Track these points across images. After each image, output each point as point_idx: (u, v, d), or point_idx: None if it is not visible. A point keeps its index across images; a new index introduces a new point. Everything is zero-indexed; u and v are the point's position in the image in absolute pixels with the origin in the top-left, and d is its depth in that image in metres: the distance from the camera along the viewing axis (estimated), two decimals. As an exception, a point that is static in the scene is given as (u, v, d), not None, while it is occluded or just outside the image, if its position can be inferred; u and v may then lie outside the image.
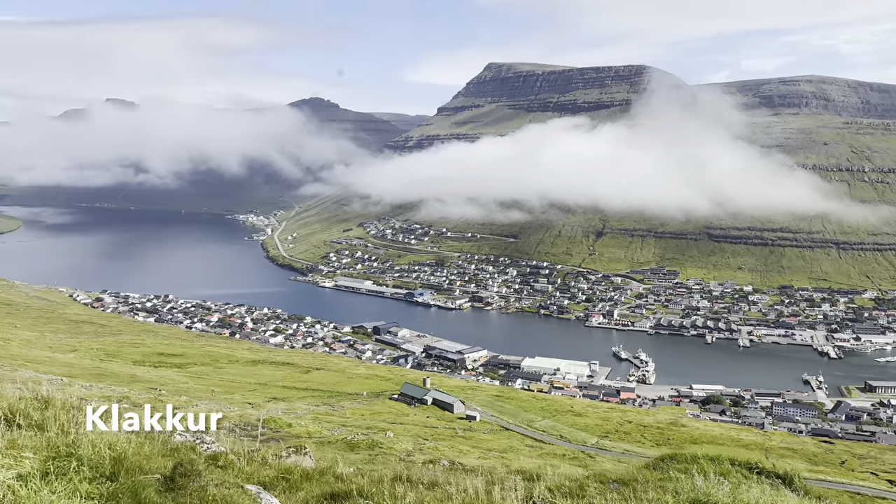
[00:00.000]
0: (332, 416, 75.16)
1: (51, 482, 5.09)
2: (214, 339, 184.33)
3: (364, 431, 62.75)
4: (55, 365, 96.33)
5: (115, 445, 5.81)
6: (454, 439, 70.34)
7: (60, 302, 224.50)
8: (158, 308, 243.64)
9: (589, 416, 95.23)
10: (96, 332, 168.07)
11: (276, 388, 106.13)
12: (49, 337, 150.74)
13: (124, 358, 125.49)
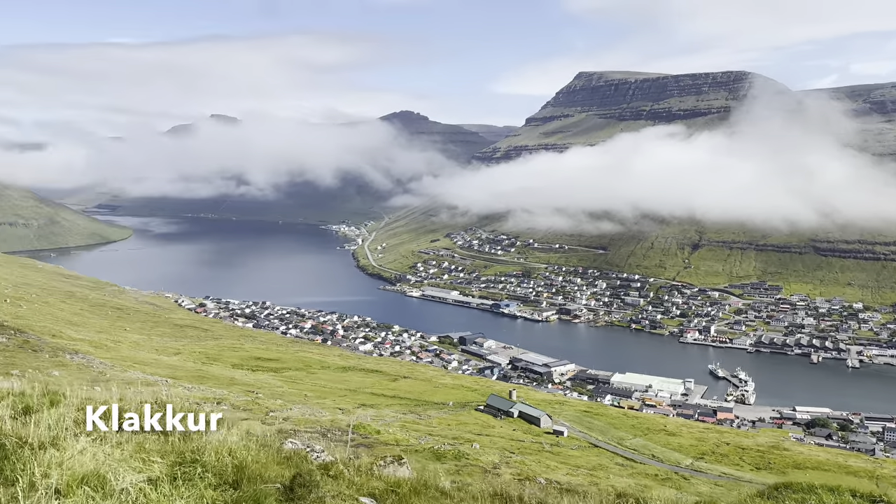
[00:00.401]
0: (418, 425, 75.64)
1: (178, 487, 5.23)
2: (307, 345, 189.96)
3: (450, 441, 62.77)
4: (160, 367, 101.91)
5: (234, 452, 5.92)
6: (541, 454, 69.17)
7: (166, 307, 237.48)
8: (256, 314, 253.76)
9: (683, 436, 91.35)
10: (199, 336, 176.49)
11: (365, 395, 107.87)
12: (156, 340, 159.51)
13: (224, 361, 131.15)
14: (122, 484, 4.93)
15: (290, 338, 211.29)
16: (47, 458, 4.79)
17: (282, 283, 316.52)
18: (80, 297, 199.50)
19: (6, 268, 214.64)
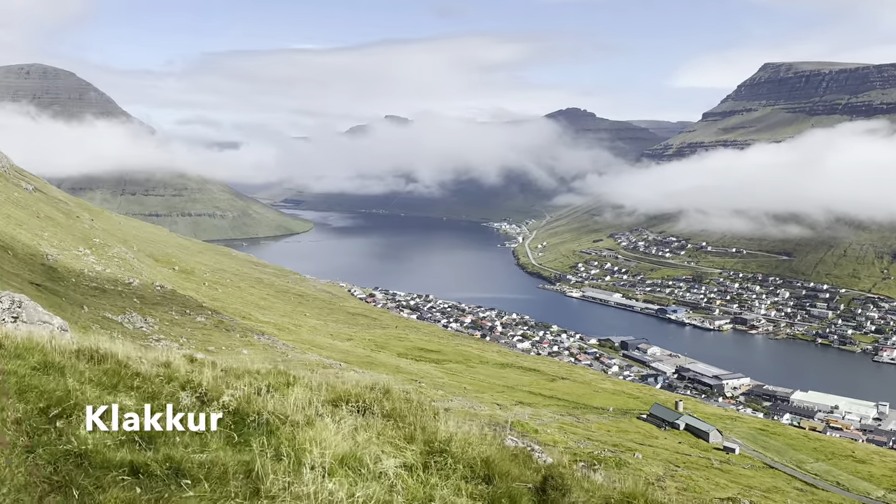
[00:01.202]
0: (576, 428, 73.99)
1: (432, 475, 5.10)
2: (467, 340, 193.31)
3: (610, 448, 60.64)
4: (334, 351, 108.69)
5: (473, 446, 5.63)
6: (709, 470, 64.83)
7: (340, 296, 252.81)
8: (420, 306, 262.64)
9: (874, 465, 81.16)
10: (368, 324, 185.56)
11: (523, 393, 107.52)
12: (331, 326, 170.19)
13: (390, 350, 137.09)
14: (379, 467, 4.74)
15: (451, 331, 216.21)
16: (308, 436, 4.68)
17: (444, 277, 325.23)
18: (267, 283, 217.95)
19: (206, 255, 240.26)
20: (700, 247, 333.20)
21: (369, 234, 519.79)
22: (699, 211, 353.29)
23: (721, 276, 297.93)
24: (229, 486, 3.62)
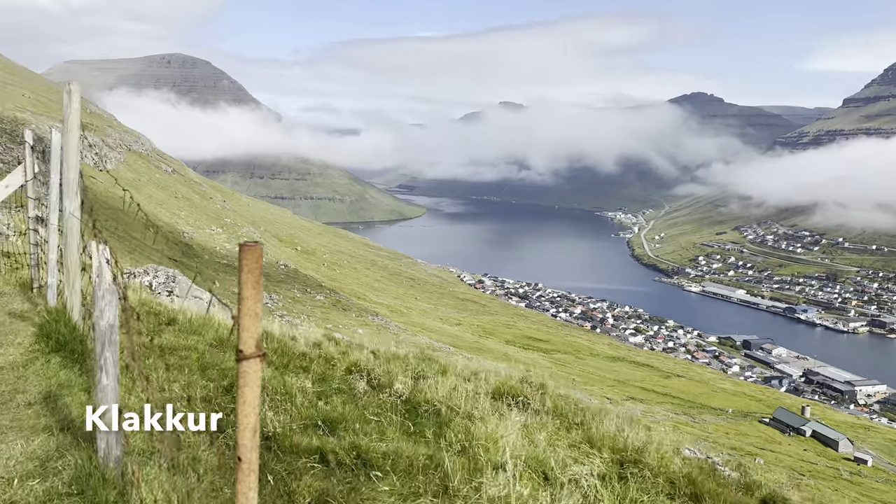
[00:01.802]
0: (691, 428, 71.02)
1: (629, 489, 4.47)
2: (576, 331, 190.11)
3: (728, 451, 57.67)
4: (444, 335, 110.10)
5: (666, 456, 5.07)
6: (837, 481, 60.39)
7: (450, 281, 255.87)
8: (529, 294, 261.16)
9: None
10: (477, 310, 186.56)
11: (635, 388, 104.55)
12: (440, 310, 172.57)
13: (498, 336, 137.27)
14: (568, 473, 4.34)
15: (560, 321, 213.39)
16: (483, 431, 4.30)
17: (554, 266, 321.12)
18: (381, 265, 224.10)
19: (325, 236, 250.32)
20: (836, 242, 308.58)
21: (480, 220, 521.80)
22: (837, 204, 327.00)
23: (858, 275, 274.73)
24: (417, 481, 3.50)
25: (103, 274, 2.79)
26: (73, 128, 3.99)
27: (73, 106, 3.95)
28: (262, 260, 1.99)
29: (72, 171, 4.00)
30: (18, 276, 7.32)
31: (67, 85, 3.86)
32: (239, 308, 1.94)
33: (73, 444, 3.20)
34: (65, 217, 4.07)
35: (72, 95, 3.91)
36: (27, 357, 4.05)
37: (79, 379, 3.89)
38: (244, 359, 2.01)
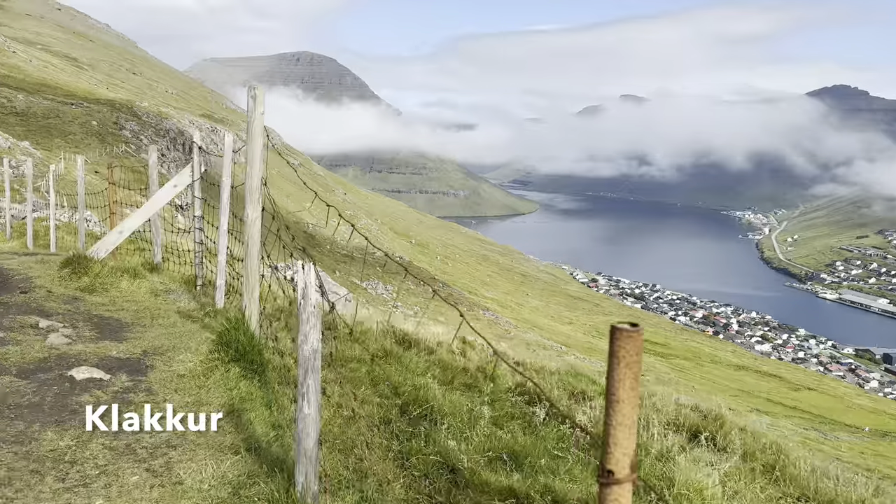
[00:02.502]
0: (822, 446, 65.80)
1: None
2: (697, 336, 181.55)
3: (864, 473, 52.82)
4: (554, 333, 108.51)
5: None
6: None
7: (562, 278, 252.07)
8: (646, 296, 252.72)
9: None
10: (590, 309, 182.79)
11: (760, 400, 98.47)
12: (552, 307, 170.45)
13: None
14: None
15: (679, 325, 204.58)
16: (683, 478, 3.65)
17: (673, 267, 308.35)
18: (492, 261, 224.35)
19: (438, 230, 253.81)
20: None
21: (595, 217, 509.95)
22: None
23: None
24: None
25: (308, 295, 2.67)
26: (257, 134, 3.88)
27: (258, 111, 3.83)
28: (642, 350, 1.14)
29: (254, 177, 3.88)
30: (182, 274, 7.57)
31: (252, 90, 3.74)
32: (608, 413, 1.41)
33: (264, 470, 3.06)
34: (246, 224, 3.97)
35: (256, 101, 3.78)
36: (206, 366, 4.00)
37: (259, 392, 3.79)
38: (613, 483, 1.46)
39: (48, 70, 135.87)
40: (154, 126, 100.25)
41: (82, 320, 5.10)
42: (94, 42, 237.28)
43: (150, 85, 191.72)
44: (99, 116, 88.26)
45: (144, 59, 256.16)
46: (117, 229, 6.51)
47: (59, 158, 61.12)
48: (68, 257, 6.42)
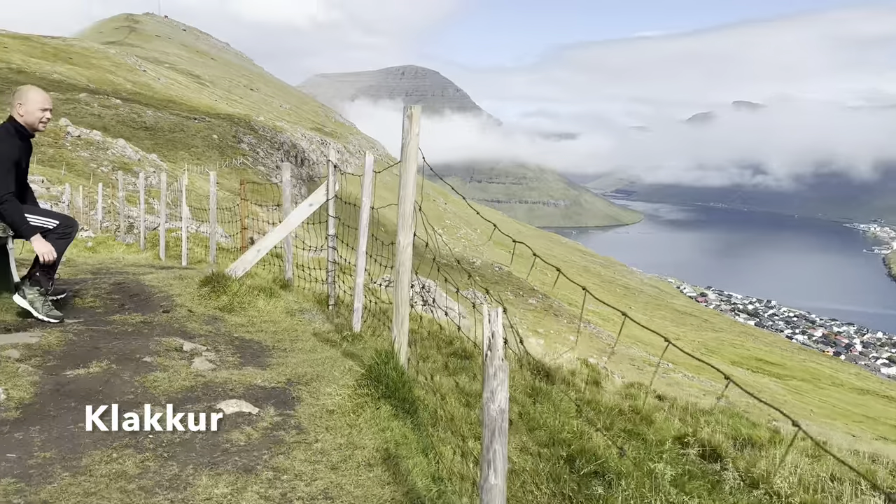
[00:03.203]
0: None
1: None
2: (816, 356, 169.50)
3: None
4: (659, 349, 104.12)
5: None
6: None
7: (668, 292, 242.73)
8: (759, 312, 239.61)
9: None
10: (699, 325, 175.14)
11: (887, 427, 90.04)
12: (657, 322, 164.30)
13: (722, 356, 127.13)
14: None
15: (796, 343, 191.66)
16: None
17: (790, 282, 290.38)
18: (594, 272, 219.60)
19: (537, 240, 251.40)
20: None
21: (704, 228, 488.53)
22: None
23: None
24: None
25: (496, 346, 2.35)
26: (411, 156, 3.57)
27: (414, 131, 3.52)
28: None
29: (407, 202, 3.57)
30: (313, 291, 7.49)
31: (408, 109, 3.43)
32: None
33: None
34: (397, 251, 3.68)
35: (412, 120, 3.47)
36: (355, 401, 3.74)
37: (412, 435, 3.47)
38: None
39: (174, 87, 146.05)
40: (269, 139, 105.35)
41: (224, 343, 5.01)
42: (215, 60, 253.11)
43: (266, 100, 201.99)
44: (219, 130, 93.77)
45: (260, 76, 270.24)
46: (255, 248, 6.49)
47: (184, 170, 65.18)
48: (207, 276, 6.45)
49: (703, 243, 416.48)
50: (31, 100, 5.28)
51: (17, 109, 5.23)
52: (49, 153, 52.70)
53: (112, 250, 13.93)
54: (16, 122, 5.23)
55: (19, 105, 5.24)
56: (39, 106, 5.32)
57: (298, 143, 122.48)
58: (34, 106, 5.29)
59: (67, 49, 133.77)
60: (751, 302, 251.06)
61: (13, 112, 5.23)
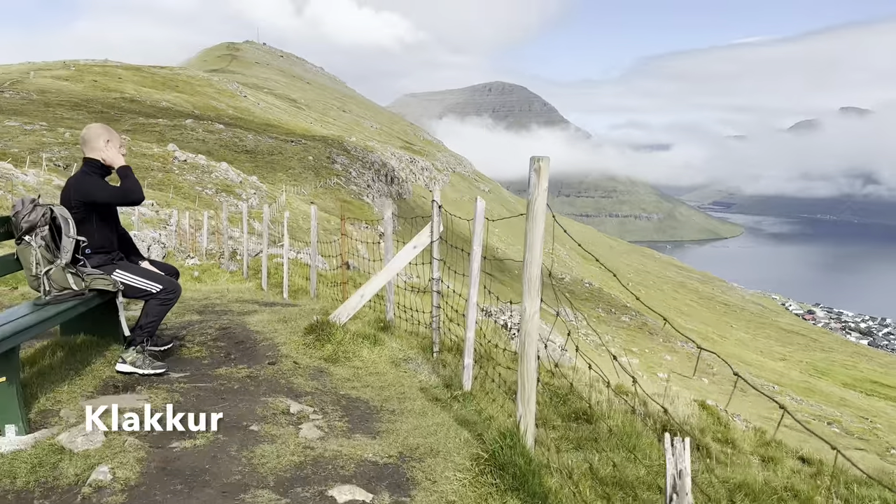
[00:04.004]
0: None
1: None
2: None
3: None
4: (764, 370, 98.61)
5: None
6: None
7: (772, 309, 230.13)
8: (873, 331, 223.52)
9: None
10: (807, 344, 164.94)
11: None
12: (760, 341, 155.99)
13: (833, 377, 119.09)
14: None
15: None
16: None
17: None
18: (690, 288, 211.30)
19: (630, 256, 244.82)
20: None
21: (811, 241, 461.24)
22: None
23: None
24: None
25: (683, 489, 1.85)
26: (538, 215, 3.15)
27: (542, 186, 3.19)
28: None
29: (534, 266, 3.14)
30: (417, 334, 7.20)
31: (536, 161, 3.16)
32: None
33: None
34: (523, 319, 3.24)
35: (540, 174, 3.18)
36: (478, 491, 3.33)
37: (550, 543, 3.04)
38: None
39: (272, 111, 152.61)
40: (361, 159, 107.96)
41: (331, 402, 4.75)
42: (310, 84, 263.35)
43: (357, 121, 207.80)
44: (314, 152, 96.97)
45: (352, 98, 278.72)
46: (359, 293, 6.26)
47: (282, 191, 67.57)
48: (312, 324, 6.27)
49: (810, 257, 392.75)
50: (117, 138, 5.26)
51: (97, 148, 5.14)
52: (158, 177, 55.95)
53: (217, 279, 14.26)
54: (93, 162, 5.16)
55: (108, 142, 5.18)
56: (119, 144, 5.29)
57: (388, 161, 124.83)
58: (117, 143, 5.25)
59: (175, 78, 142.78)
60: (863, 320, 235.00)
61: (92, 154, 5.15)
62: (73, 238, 4.76)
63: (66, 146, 59.44)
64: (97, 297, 4.96)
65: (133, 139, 71.09)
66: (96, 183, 5.02)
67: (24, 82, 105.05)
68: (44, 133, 63.94)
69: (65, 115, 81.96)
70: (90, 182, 5.02)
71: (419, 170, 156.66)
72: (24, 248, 4.70)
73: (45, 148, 57.84)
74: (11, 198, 23.85)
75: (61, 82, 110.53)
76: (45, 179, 34.35)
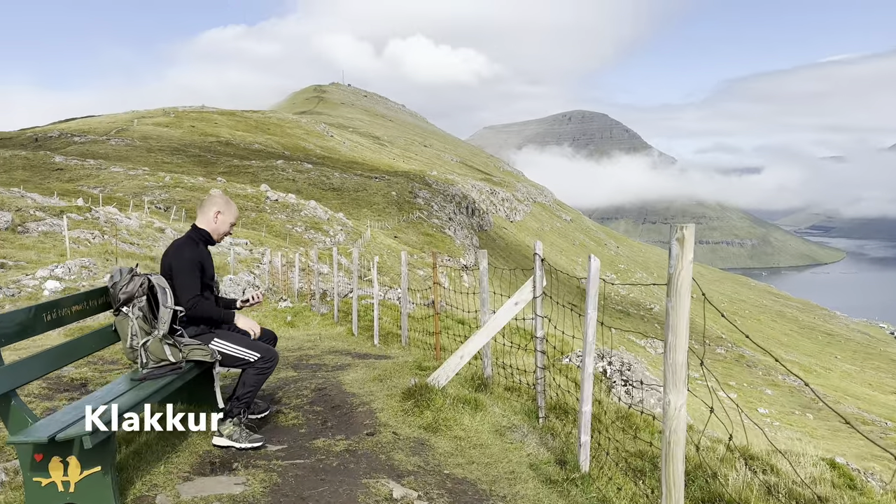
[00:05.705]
0: None
1: None
2: None
3: None
4: (874, 404, 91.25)
5: None
6: None
7: (881, 338, 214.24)
8: None
9: None
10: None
11: None
12: (868, 373, 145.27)
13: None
14: None
15: None
16: None
17: None
18: (790, 317, 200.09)
19: (723, 283, 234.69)
20: None
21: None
22: None
23: None
24: None
25: None
26: (683, 290, 3.03)
27: (686, 257, 3.08)
28: None
29: (679, 351, 3.04)
30: (519, 394, 6.74)
31: (680, 230, 3.07)
32: None
33: None
34: (665, 415, 3.05)
35: (684, 245, 3.10)
36: None
37: None
38: None
39: (357, 149, 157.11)
40: (442, 192, 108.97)
41: (435, 485, 4.34)
42: (392, 121, 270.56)
43: (438, 155, 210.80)
44: (397, 187, 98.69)
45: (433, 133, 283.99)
46: (458, 353, 5.89)
47: (367, 226, 68.87)
48: (410, 388, 5.92)
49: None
50: (231, 212, 5.16)
51: (212, 216, 5.08)
52: (252, 217, 58.20)
53: (308, 323, 14.30)
54: (200, 230, 5.08)
55: (219, 214, 5.11)
56: (232, 220, 5.20)
57: (469, 193, 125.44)
58: (230, 218, 5.17)
59: (265, 121, 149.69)
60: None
61: (204, 220, 5.08)
62: (171, 308, 4.64)
63: (167, 189, 62.97)
64: (194, 367, 4.81)
65: (228, 181, 74.51)
66: (187, 263, 4.82)
67: (129, 130, 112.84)
68: (146, 177, 68.09)
69: (165, 159, 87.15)
70: (183, 258, 4.84)
71: (499, 201, 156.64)
72: (121, 320, 4.61)
73: (146, 192, 61.50)
74: (115, 241, 25.13)
75: (162, 128, 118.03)
76: (146, 223, 36.27)
